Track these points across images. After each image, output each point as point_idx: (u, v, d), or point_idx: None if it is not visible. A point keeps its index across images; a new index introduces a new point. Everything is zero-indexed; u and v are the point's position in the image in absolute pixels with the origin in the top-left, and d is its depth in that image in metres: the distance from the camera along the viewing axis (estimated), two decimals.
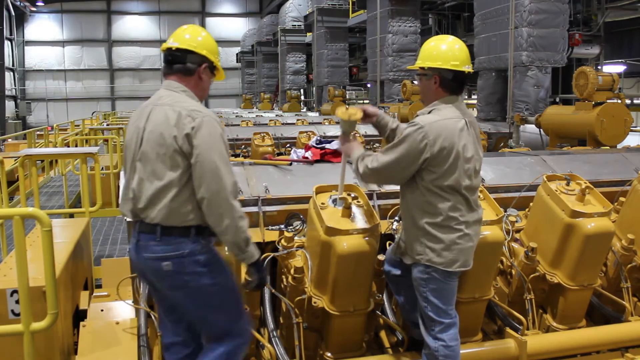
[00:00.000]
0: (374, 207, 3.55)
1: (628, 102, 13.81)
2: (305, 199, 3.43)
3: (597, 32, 14.15)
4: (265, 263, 3.18)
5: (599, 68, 14.09)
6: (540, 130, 10.01)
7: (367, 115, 3.07)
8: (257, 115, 17.13)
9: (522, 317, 3.53)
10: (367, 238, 3.01)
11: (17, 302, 2.69)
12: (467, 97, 22.27)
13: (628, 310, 3.76)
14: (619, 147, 8.42)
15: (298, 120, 13.73)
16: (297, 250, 3.35)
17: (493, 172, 4.37)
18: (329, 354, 3.28)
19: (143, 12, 39.11)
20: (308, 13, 24.95)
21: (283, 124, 12.28)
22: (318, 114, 19.12)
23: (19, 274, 2.39)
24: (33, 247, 3.25)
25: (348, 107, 3.06)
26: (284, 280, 3.34)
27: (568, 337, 3.58)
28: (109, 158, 8.17)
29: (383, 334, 3.59)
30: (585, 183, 3.61)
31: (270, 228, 3.54)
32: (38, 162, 7.07)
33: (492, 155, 5.47)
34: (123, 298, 3.37)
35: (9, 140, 16.80)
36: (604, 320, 3.84)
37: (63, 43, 38.00)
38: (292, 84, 27.12)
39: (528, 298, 3.67)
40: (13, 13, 33.90)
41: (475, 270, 3.24)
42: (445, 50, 2.88)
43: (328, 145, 4.39)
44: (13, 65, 34.95)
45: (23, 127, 31.15)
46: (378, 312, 3.39)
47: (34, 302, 2.50)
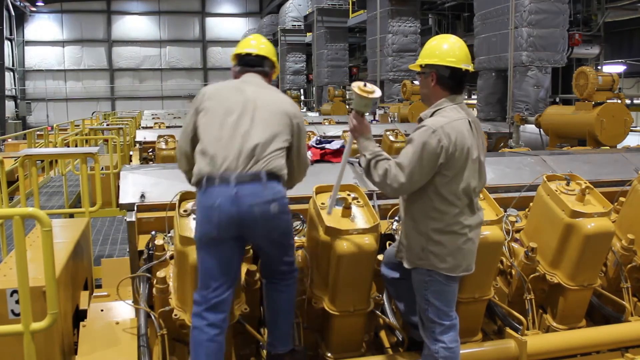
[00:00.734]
0: (374, 207, 3.55)
1: (628, 102, 13.82)
2: (305, 199, 3.43)
3: (597, 32, 14.17)
4: None
5: (599, 68, 14.11)
6: (540, 130, 10.02)
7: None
8: None
9: (522, 317, 3.53)
10: (367, 238, 3.01)
11: (17, 302, 2.69)
12: (467, 97, 22.27)
13: (628, 310, 3.76)
14: (619, 147, 8.43)
15: None
16: (297, 250, 3.34)
17: (493, 172, 4.37)
18: (329, 354, 3.28)
19: (143, 12, 39.10)
20: (308, 13, 24.98)
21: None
22: (318, 114, 19.14)
23: (19, 274, 2.39)
24: (33, 247, 3.25)
25: (366, 84, 2.85)
26: None
27: (568, 337, 3.58)
28: (109, 158, 8.17)
29: (383, 334, 3.59)
30: (585, 183, 3.61)
31: None
32: (38, 162, 7.08)
33: (492, 155, 5.47)
34: (123, 298, 3.37)
35: (9, 140, 16.81)
36: (604, 320, 3.84)
37: (63, 43, 37.99)
38: (292, 84, 27.15)
39: (528, 298, 3.67)
40: (13, 13, 33.89)
41: (475, 271, 3.25)
42: (443, 48, 2.86)
43: (328, 145, 4.39)
44: (13, 65, 34.95)
45: (23, 127, 31.15)
46: (378, 312, 3.39)
47: (34, 302, 2.49)
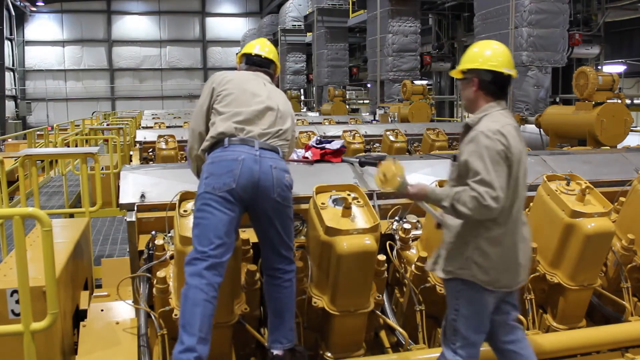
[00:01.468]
0: (374, 207, 3.55)
1: (628, 102, 13.82)
2: (305, 199, 3.43)
3: (597, 32, 14.18)
4: None
5: (599, 68, 14.11)
6: (540, 130, 10.02)
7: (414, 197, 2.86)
8: None
9: (522, 317, 3.53)
10: (367, 238, 3.01)
11: (17, 302, 2.69)
12: None
13: (628, 310, 3.76)
14: (619, 147, 8.43)
15: (298, 120, 13.73)
16: (297, 250, 3.35)
17: None
18: (329, 354, 3.28)
19: (143, 12, 39.10)
20: (308, 13, 24.98)
21: None
22: (318, 114, 19.14)
23: (19, 274, 2.39)
24: (33, 247, 3.25)
25: (383, 166, 2.79)
26: None
27: (568, 337, 3.58)
28: (109, 158, 8.17)
29: (383, 334, 3.59)
30: (585, 183, 3.61)
31: None
32: (38, 162, 7.08)
33: None
34: (123, 298, 3.37)
35: (9, 140, 16.80)
36: (604, 320, 3.84)
37: (63, 43, 38.00)
38: (292, 84, 27.14)
39: (528, 298, 3.67)
40: (13, 13, 33.90)
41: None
42: (485, 53, 2.78)
43: (328, 145, 4.39)
44: (13, 65, 34.95)
45: (23, 127, 31.14)
46: (378, 312, 3.39)
47: (34, 302, 2.49)
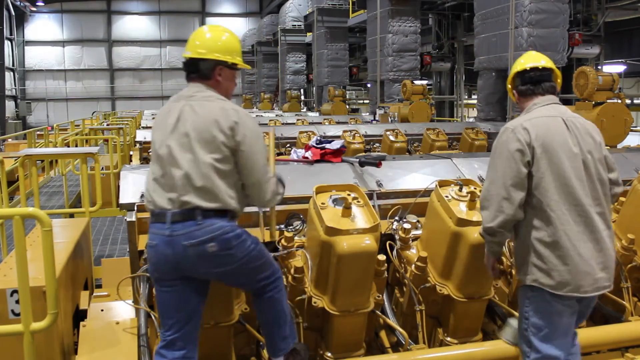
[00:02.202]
0: (374, 207, 3.55)
1: (628, 102, 13.82)
2: (305, 199, 3.43)
3: (597, 32, 14.18)
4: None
5: (599, 68, 14.11)
6: None
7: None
8: (257, 115, 17.14)
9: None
10: (367, 238, 3.01)
11: (17, 302, 2.69)
12: (467, 97, 22.29)
13: (628, 310, 3.75)
14: (619, 147, 8.42)
15: (298, 120, 13.74)
16: (297, 250, 3.35)
17: None
18: (329, 354, 3.28)
19: (143, 12, 39.11)
20: (308, 13, 24.97)
21: (283, 124, 12.30)
22: (318, 114, 19.13)
23: (19, 274, 2.39)
24: (33, 247, 3.25)
25: None
26: (284, 280, 3.34)
27: None
28: (109, 158, 8.17)
29: (383, 334, 3.59)
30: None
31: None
32: (38, 162, 7.07)
33: None
34: (123, 298, 3.37)
35: (9, 140, 16.81)
36: (604, 320, 3.83)
37: (63, 43, 38.01)
38: (292, 84, 27.13)
39: None
40: (13, 13, 33.90)
41: (475, 270, 3.25)
42: (517, 61, 2.91)
43: (328, 145, 4.39)
44: (13, 65, 34.95)
45: (23, 127, 31.14)
46: (378, 312, 3.39)
47: (34, 302, 2.49)
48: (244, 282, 2.81)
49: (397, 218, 3.69)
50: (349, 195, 3.23)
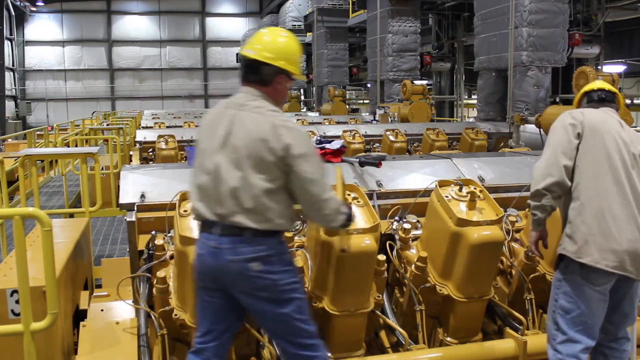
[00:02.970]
0: (374, 207, 3.55)
1: (628, 102, 13.81)
2: None
3: (597, 32, 14.17)
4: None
5: (599, 68, 14.10)
6: (541, 130, 10.00)
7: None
8: None
9: (522, 317, 3.53)
10: (367, 238, 3.01)
11: (17, 302, 2.69)
12: (467, 97, 22.29)
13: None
14: None
15: (298, 120, 13.72)
16: (297, 250, 3.35)
17: (493, 172, 4.37)
18: (329, 354, 3.28)
19: (143, 12, 39.08)
20: (308, 13, 24.97)
21: None
22: (318, 114, 19.13)
23: (19, 274, 2.39)
24: (33, 247, 3.25)
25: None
26: None
27: None
28: (109, 158, 8.17)
29: (383, 334, 3.59)
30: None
31: None
32: (38, 162, 7.08)
33: (492, 155, 5.48)
34: (123, 298, 3.37)
35: (9, 140, 16.80)
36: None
37: (63, 43, 37.98)
38: (292, 84, 27.08)
39: (528, 298, 3.67)
40: (13, 13, 33.88)
41: (476, 270, 3.25)
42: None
43: (328, 145, 4.39)
44: (13, 65, 34.92)
45: (23, 127, 31.13)
46: (378, 312, 3.39)
47: (34, 302, 2.49)
48: (280, 330, 2.59)
49: (397, 218, 3.69)
50: (349, 195, 3.23)
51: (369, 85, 19.38)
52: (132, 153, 9.93)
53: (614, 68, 15.31)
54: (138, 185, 3.74)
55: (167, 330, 3.14)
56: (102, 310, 3.50)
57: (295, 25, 26.83)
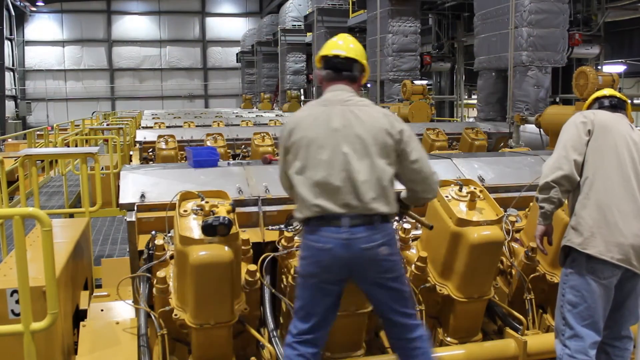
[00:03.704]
0: None
1: (628, 102, 13.80)
2: None
3: (597, 32, 14.16)
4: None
5: (599, 68, 14.10)
6: (540, 130, 10.01)
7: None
8: (257, 115, 17.13)
9: (522, 317, 3.53)
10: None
11: (17, 302, 2.69)
12: (467, 97, 22.29)
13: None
14: None
15: None
16: (297, 250, 3.34)
17: (493, 172, 4.37)
18: (329, 354, 3.28)
19: (143, 12, 39.11)
20: (308, 13, 24.95)
21: (283, 124, 12.27)
22: None
23: (19, 274, 2.39)
24: (33, 247, 3.25)
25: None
26: (284, 280, 3.34)
27: None
28: (109, 158, 8.17)
29: (383, 334, 3.58)
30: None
31: (271, 228, 3.54)
32: (38, 162, 7.08)
33: (492, 155, 5.48)
34: (123, 298, 3.37)
35: (9, 140, 16.80)
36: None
37: (63, 43, 38.00)
38: (292, 84, 27.13)
39: (528, 298, 3.67)
40: (13, 13, 33.89)
41: (475, 270, 3.25)
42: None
43: None
44: (13, 65, 34.93)
45: (23, 127, 31.13)
46: None
47: (34, 302, 2.49)
48: (397, 305, 2.75)
49: (396, 218, 3.69)
50: None
51: (369, 85, 19.37)
52: (132, 153, 9.93)
53: (614, 68, 15.30)
54: (138, 185, 3.74)
55: (167, 330, 3.14)
56: (102, 310, 3.50)
57: (295, 25, 26.83)
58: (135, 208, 3.55)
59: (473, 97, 21.67)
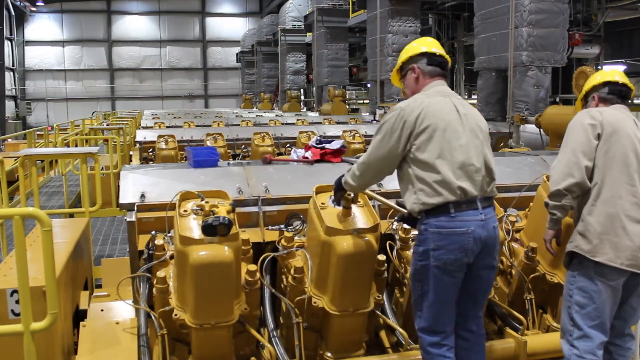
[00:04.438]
0: (374, 207, 3.55)
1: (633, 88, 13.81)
2: (305, 199, 3.43)
3: (597, 32, 14.15)
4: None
5: (599, 68, 14.09)
6: (540, 130, 10.01)
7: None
8: (257, 115, 17.14)
9: (522, 317, 3.53)
10: (367, 238, 3.01)
11: (17, 302, 2.69)
12: (467, 97, 22.29)
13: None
14: None
15: (298, 120, 13.74)
16: (297, 250, 3.35)
17: None
18: (329, 354, 3.28)
19: (143, 12, 39.11)
20: (308, 13, 24.95)
21: (283, 124, 12.30)
22: (318, 114, 19.13)
23: (19, 274, 2.39)
24: (33, 247, 3.25)
25: None
26: (284, 280, 3.34)
27: None
28: (109, 158, 8.17)
29: (383, 334, 3.59)
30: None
31: (271, 228, 3.54)
32: (38, 162, 7.08)
33: None
34: (123, 298, 3.37)
35: (9, 140, 16.81)
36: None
37: (63, 43, 38.00)
38: (292, 84, 27.12)
39: (528, 298, 3.67)
40: (13, 13, 33.90)
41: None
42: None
43: (328, 145, 4.39)
44: (13, 65, 34.94)
45: (23, 127, 31.14)
46: (378, 312, 3.39)
47: (34, 302, 2.49)
48: (486, 290, 2.96)
49: (397, 218, 3.69)
50: (349, 196, 3.23)
51: (369, 85, 19.38)
52: (132, 153, 9.93)
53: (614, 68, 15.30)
54: (138, 185, 3.74)
55: (167, 330, 3.14)
56: (102, 310, 3.50)
57: (295, 25, 26.83)
58: (135, 208, 3.55)
59: (473, 97, 21.66)
